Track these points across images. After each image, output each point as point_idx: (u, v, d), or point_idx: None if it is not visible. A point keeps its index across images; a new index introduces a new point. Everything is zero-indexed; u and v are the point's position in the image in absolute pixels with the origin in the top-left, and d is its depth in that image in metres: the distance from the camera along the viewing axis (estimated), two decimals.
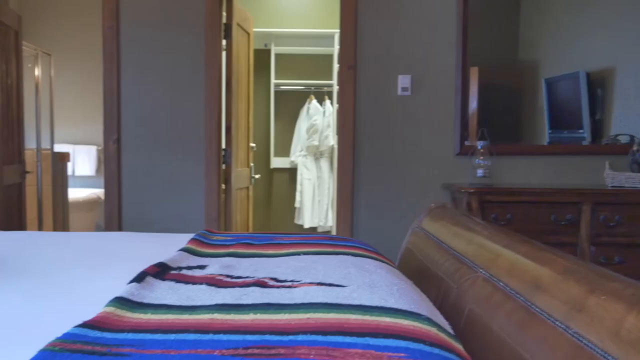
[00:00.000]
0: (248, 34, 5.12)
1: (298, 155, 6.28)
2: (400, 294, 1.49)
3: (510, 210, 3.70)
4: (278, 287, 1.54)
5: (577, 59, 4.32)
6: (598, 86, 4.33)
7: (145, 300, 1.41)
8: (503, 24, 4.40)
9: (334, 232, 4.33)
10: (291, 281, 1.60)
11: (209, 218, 4.23)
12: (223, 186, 4.43)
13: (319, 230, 6.18)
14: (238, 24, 4.73)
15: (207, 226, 4.20)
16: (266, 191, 6.49)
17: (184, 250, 2.04)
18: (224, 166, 4.45)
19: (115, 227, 4.23)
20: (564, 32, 4.35)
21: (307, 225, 6.12)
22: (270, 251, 2.08)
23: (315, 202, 6.17)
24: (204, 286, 1.55)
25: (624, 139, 4.24)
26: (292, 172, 6.42)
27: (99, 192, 6.32)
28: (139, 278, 1.57)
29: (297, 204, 6.19)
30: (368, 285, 1.54)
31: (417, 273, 2.26)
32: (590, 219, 3.70)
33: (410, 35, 4.19)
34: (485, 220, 3.66)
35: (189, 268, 1.79)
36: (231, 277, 1.67)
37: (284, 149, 6.46)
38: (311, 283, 1.56)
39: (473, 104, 4.23)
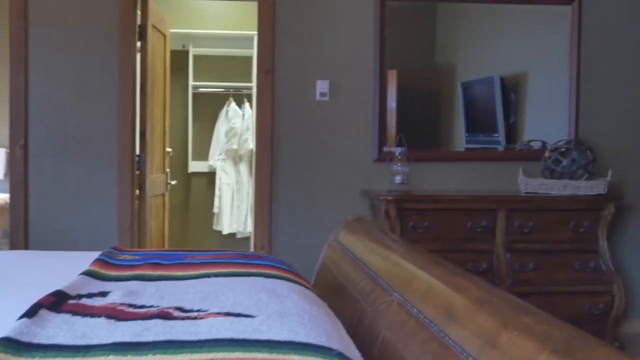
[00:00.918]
0: (164, 35, 4.96)
1: (217, 159, 6.14)
2: (312, 324, 1.42)
3: (428, 218, 3.69)
4: (183, 318, 1.45)
5: (492, 63, 4.37)
6: (512, 91, 4.39)
7: (35, 340, 1.29)
8: (421, 28, 4.41)
9: (252, 239, 4.25)
10: (197, 311, 1.51)
11: (121, 227, 4.07)
12: (137, 192, 4.27)
13: (238, 236, 6.06)
14: (153, 26, 4.58)
15: (119, 236, 4.04)
16: (184, 196, 6.32)
17: (87, 273, 1.91)
18: (138, 173, 4.30)
19: (21, 238, 4.01)
20: (478, 37, 4.39)
21: (226, 231, 6.00)
22: (180, 273, 1.98)
23: (234, 207, 6.05)
24: (102, 319, 1.44)
25: (536, 145, 4.31)
26: (210, 176, 6.27)
27: (7, 197, 6.01)
28: (31, 312, 1.45)
29: (215, 210, 6.06)
30: (278, 314, 1.47)
31: (334, 290, 2.21)
32: (505, 226, 3.73)
33: (329, 40, 4.15)
34: (403, 228, 3.66)
35: (90, 296, 1.67)
36: (134, 306, 1.57)
37: (203, 153, 6.30)
38: (218, 313, 1.47)
39: (392, 107, 4.21)
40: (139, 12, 4.29)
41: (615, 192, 4.04)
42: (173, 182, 5.18)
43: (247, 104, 6.11)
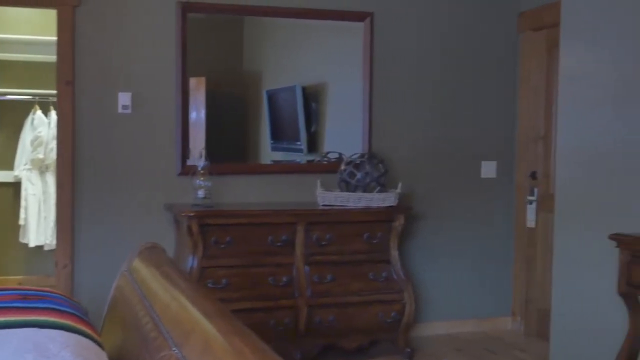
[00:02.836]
0: None
1: (22, 169, 5.60)
2: None
3: (230, 233, 3.55)
4: None
5: (294, 73, 4.37)
6: (313, 100, 4.37)
7: None
8: (229, 36, 4.30)
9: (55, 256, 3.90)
10: None
11: None
12: None
13: (46, 248, 5.55)
14: None
15: None
16: None
17: None
18: None
19: None
20: (282, 47, 4.36)
21: (32, 244, 5.48)
22: None
23: (41, 218, 5.54)
24: None
25: (333, 156, 4.30)
26: (16, 186, 5.70)
27: None
28: None
29: (21, 222, 5.51)
30: None
31: (124, 328, 2.00)
32: (304, 239, 3.67)
33: (131, 51, 3.89)
34: (205, 243, 3.49)
35: None
36: None
37: (8, 162, 5.72)
38: None
39: (202, 115, 4.04)
40: None
41: (405, 203, 4.07)
42: None
43: (53, 112, 5.61)
